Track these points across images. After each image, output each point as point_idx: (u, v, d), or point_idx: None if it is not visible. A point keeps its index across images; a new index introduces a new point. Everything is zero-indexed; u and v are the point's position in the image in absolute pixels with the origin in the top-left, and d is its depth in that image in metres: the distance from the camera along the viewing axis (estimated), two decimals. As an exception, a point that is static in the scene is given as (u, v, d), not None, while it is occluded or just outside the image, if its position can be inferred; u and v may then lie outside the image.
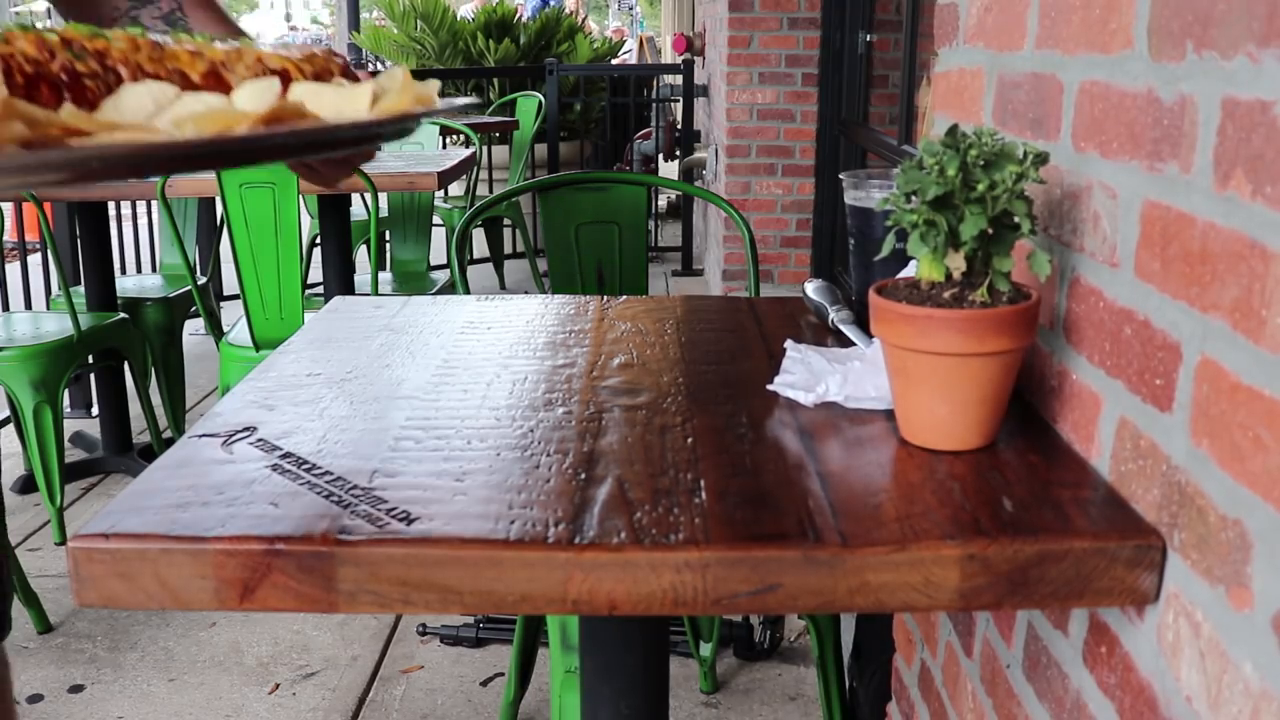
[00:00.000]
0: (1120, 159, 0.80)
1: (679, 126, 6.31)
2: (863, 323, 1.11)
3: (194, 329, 4.12)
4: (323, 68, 0.85)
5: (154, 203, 3.73)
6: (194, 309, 3.39)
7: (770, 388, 0.97)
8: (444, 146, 4.55)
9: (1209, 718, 0.67)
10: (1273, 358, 0.61)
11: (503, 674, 2.24)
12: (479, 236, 5.90)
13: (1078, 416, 0.87)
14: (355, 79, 0.88)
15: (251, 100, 0.71)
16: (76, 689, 2.22)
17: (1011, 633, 1.01)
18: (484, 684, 2.23)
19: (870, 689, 1.87)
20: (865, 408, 0.92)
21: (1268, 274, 0.61)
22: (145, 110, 0.70)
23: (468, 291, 1.78)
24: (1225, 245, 0.66)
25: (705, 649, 2.13)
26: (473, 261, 5.76)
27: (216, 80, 0.77)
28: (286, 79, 0.81)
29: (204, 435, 0.88)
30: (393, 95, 0.80)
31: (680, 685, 2.20)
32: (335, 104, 0.78)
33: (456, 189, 5.43)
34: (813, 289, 1.23)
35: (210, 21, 1.20)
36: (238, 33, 1.20)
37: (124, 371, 3.22)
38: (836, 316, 1.16)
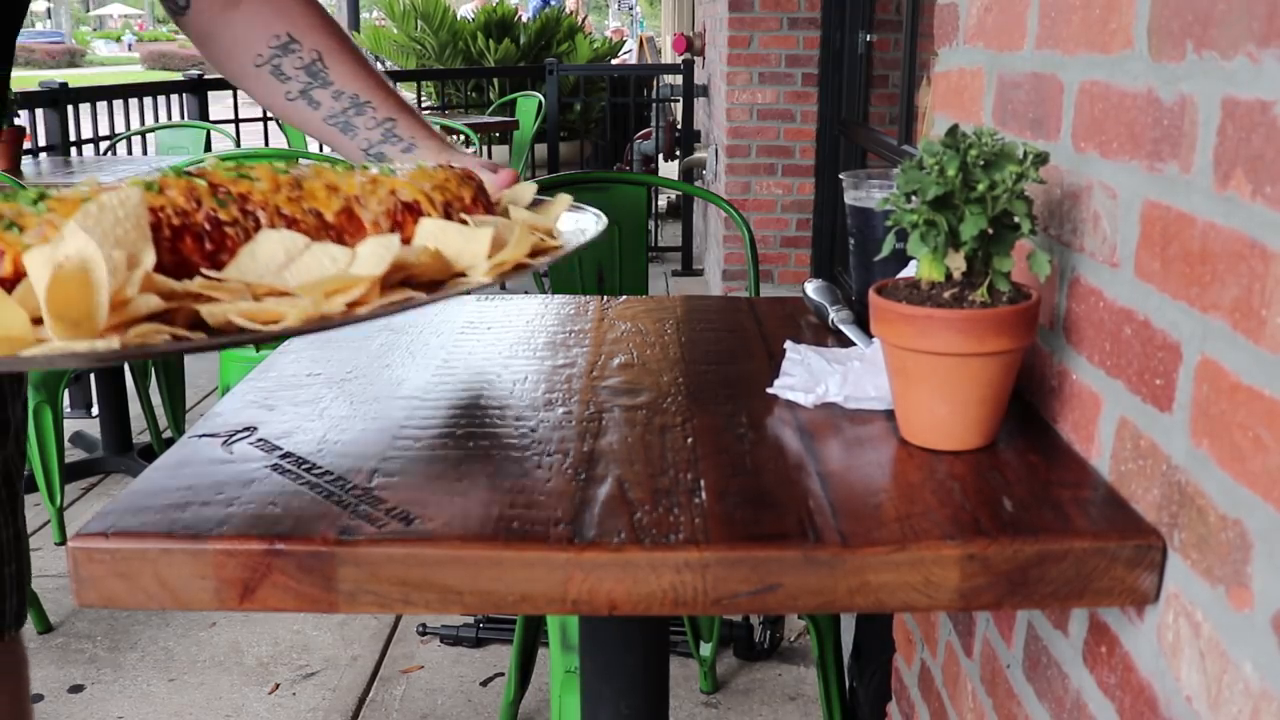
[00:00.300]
0: (1120, 159, 0.80)
1: (679, 126, 6.31)
2: (863, 323, 1.11)
3: (194, 329, 4.11)
4: (454, 196, 0.91)
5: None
6: (194, 309, 3.39)
7: (770, 391, 0.97)
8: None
9: (1209, 718, 0.67)
10: (1273, 358, 0.61)
11: (503, 674, 2.24)
12: (479, 236, 5.89)
13: (1078, 416, 0.87)
14: (487, 202, 0.95)
15: (370, 259, 0.78)
16: (76, 689, 2.22)
17: (1011, 633, 1.01)
18: (484, 684, 2.23)
19: (870, 689, 1.87)
20: (865, 408, 0.92)
21: (1268, 274, 0.61)
22: (276, 260, 0.78)
23: (468, 291, 1.77)
24: (1225, 245, 0.66)
25: (705, 649, 2.13)
26: (473, 261, 5.75)
27: (349, 218, 0.85)
28: (417, 211, 0.88)
29: (204, 435, 0.88)
30: (512, 242, 0.86)
31: (680, 685, 2.20)
32: (457, 244, 0.85)
33: (456, 189, 5.43)
34: (813, 289, 1.23)
35: (352, 72, 1.19)
36: (379, 83, 1.20)
37: (124, 371, 3.22)
38: (836, 316, 1.16)
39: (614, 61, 9.68)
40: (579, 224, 1.04)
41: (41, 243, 0.71)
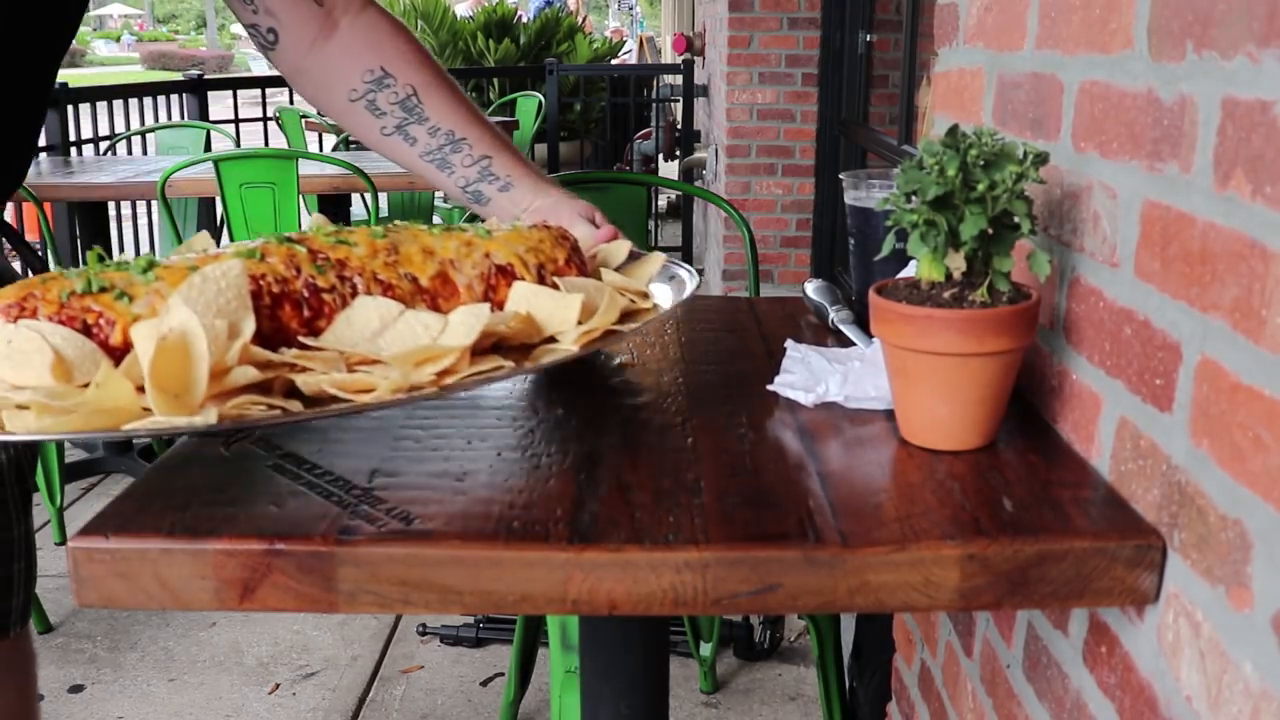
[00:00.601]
0: (1120, 159, 0.80)
1: (679, 126, 6.31)
2: (863, 323, 1.11)
3: (194, 329, 4.11)
4: (548, 258, 0.93)
5: (154, 202, 3.73)
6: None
7: (770, 388, 0.97)
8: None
9: (1209, 718, 0.67)
10: (1273, 358, 0.61)
11: (503, 674, 2.24)
12: (479, 236, 5.88)
13: (1078, 416, 0.87)
14: (580, 263, 0.96)
15: (460, 328, 0.80)
16: (76, 689, 2.22)
17: (1011, 633, 1.01)
18: (484, 684, 2.23)
19: (870, 689, 1.87)
20: (865, 408, 0.92)
21: (1268, 274, 0.61)
22: (371, 327, 0.80)
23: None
24: (1225, 245, 0.66)
25: (705, 649, 2.13)
26: (473, 261, 5.74)
27: (444, 282, 0.87)
28: (510, 274, 0.90)
29: (204, 435, 0.88)
30: (601, 309, 0.87)
31: (680, 685, 2.20)
32: (548, 309, 0.87)
33: (456, 189, 5.42)
34: (813, 289, 1.23)
35: (447, 107, 1.18)
36: (475, 118, 1.19)
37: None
38: (836, 316, 1.16)
39: (614, 61, 9.68)
40: (674, 279, 1.05)
41: (149, 313, 0.74)
